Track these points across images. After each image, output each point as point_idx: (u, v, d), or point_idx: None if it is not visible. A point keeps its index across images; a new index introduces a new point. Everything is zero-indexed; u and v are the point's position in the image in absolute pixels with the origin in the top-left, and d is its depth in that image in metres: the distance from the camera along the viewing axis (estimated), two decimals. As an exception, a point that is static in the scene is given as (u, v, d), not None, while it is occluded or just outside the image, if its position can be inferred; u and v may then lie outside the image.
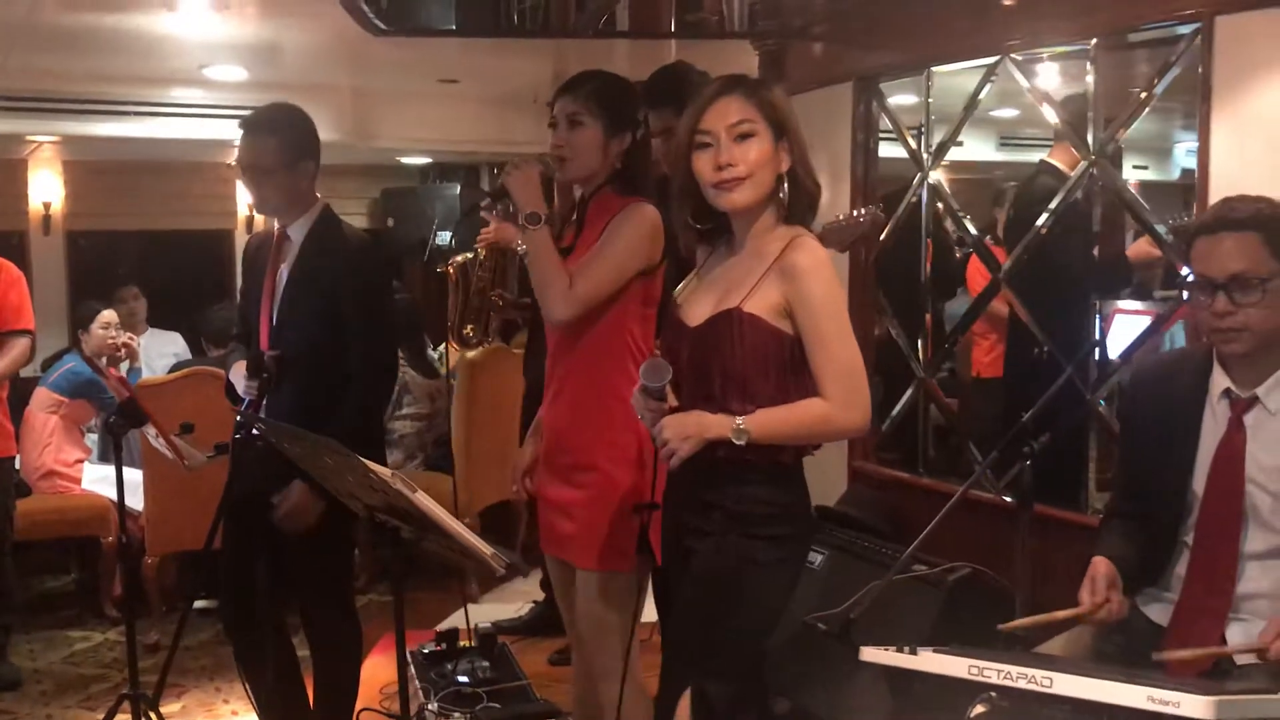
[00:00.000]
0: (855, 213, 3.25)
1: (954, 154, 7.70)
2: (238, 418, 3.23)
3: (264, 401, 3.14)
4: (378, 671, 4.50)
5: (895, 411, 4.25)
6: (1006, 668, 2.03)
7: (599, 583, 2.82)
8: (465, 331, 3.49)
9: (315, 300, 3.31)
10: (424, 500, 2.19)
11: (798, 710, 3.72)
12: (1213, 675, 2.36)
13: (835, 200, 4.34)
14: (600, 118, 2.83)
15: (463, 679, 4.11)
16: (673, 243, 2.73)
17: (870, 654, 2.28)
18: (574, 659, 3.17)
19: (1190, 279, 2.43)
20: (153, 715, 3.36)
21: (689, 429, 2.27)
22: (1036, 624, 2.49)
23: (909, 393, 4.17)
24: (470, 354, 5.34)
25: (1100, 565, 2.48)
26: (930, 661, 2.16)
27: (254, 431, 3.03)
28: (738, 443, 2.23)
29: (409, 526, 2.35)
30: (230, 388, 3.40)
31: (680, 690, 2.42)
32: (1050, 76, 3.64)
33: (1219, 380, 2.48)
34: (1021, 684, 2.00)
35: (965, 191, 8.02)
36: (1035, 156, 4.33)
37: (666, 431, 2.29)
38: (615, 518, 2.74)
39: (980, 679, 2.06)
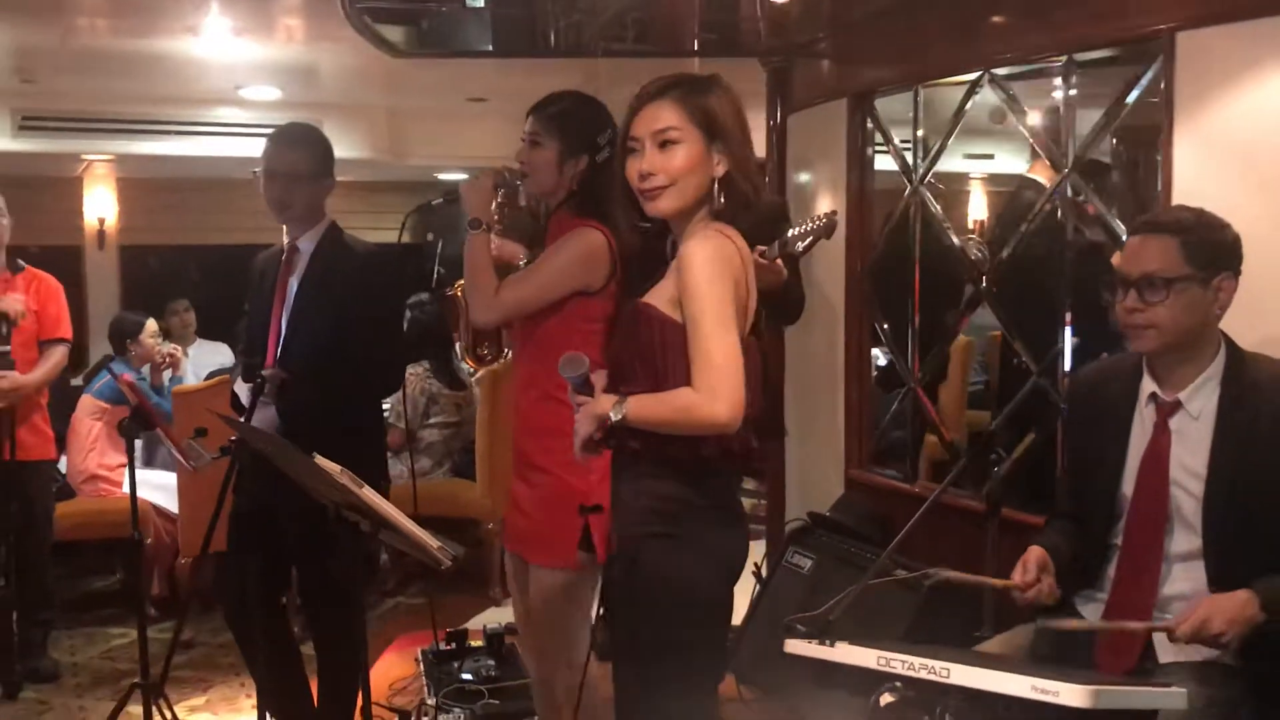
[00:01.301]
0: (813, 219, 3.37)
1: (987, 166, 7.72)
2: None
3: (255, 408, 3.32)
4: (389, 669, 4.68)
5: (886, 419, 4.34)
6: (910, 659, 2.13)
7: (548, 578, 2.96)
8: (479, 351, 3.63)
9: (326, 308, 3.50)
10: (370, 495, 2.33)
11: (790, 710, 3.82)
12: (1139, 673, 2.44)
13: (836, 208, 4.43)
14: (558, 139, 2.97)
15: (467, 676, 4.27)
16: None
17: (792, 646, 2.38)
18: (521, 651, 3.32)
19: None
20: (163, 703, 3.55)
21: (586, 412, 2.30)
22: (968, 582, 2.59)
23: (898, 401, 4.25)
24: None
25: (1033, 551, 2.58)
26: (845, 653, 2.26)
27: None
28: (614, 418, 2.23)
29: (366, 521, 2.49)
30: (235, 398, 3.59)
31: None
32: (1028, 92, 3.71)
33: (1147, 385, 2.56)
34: (923, 674, 2.10)
35: (1000, 203, 8.05)
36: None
37: (576, 416, 2.34)
38: (562, 516, 2.87)
39: (887, 669, 2.16)
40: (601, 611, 2.63)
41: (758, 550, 4.47)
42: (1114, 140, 4.46)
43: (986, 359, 5.60)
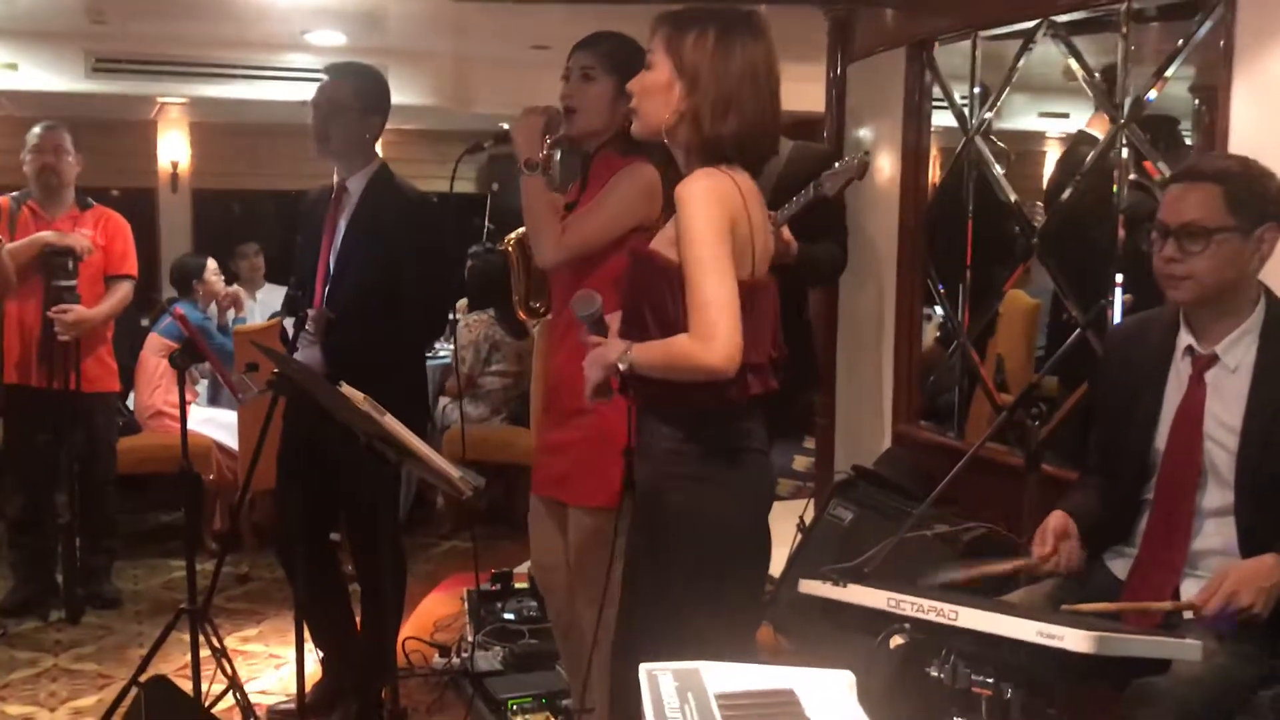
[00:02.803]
0: (847, 161, 3.33)
1: (1065, 125, 7.56)
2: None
3: (299, 343, 3.38)
4: (435, 607, 4.76)
5: (934, 376, 4.30)
6: (920, 600, 2.12)
7: (589, 519, 2.96)
8: (532, 304, 3.63)
9: (373, 248, 3.54)
10: (392, 423, 2.37)
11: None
12: (1165, 627, 2.41)
13: (891, 163, 4.39)
14: (612, 74, 2.93)
15: (509, 616, 4.33)
16: None
17: (806, 586, 2.38)
18: (544, 593, 3.33)
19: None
20: (208, 628, 3.65)
21: (596, 356, 2.30)
22: (976, 576, 2.57)
23: (949, 353, 4.21)
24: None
25: (1054, 518, 2.54)
26: (856, 594, 2.27)
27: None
28: (622, 368, 2.22)
29: (392, 451, 2.53)
30: (284, 332, 3.66)
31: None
32: (1089, 46, 3.63)
33: (1184, 338, 2.51)
34: (932, 616, 2.09)
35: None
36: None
37: (585, 360, 2.33)
38: (606, 458, 2.84)
39: (897, 611, 2.16)
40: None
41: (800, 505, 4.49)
42: (1195, 101, 4.37)
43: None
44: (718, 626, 2.30)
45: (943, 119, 4.31)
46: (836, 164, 3.30)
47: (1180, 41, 3.26)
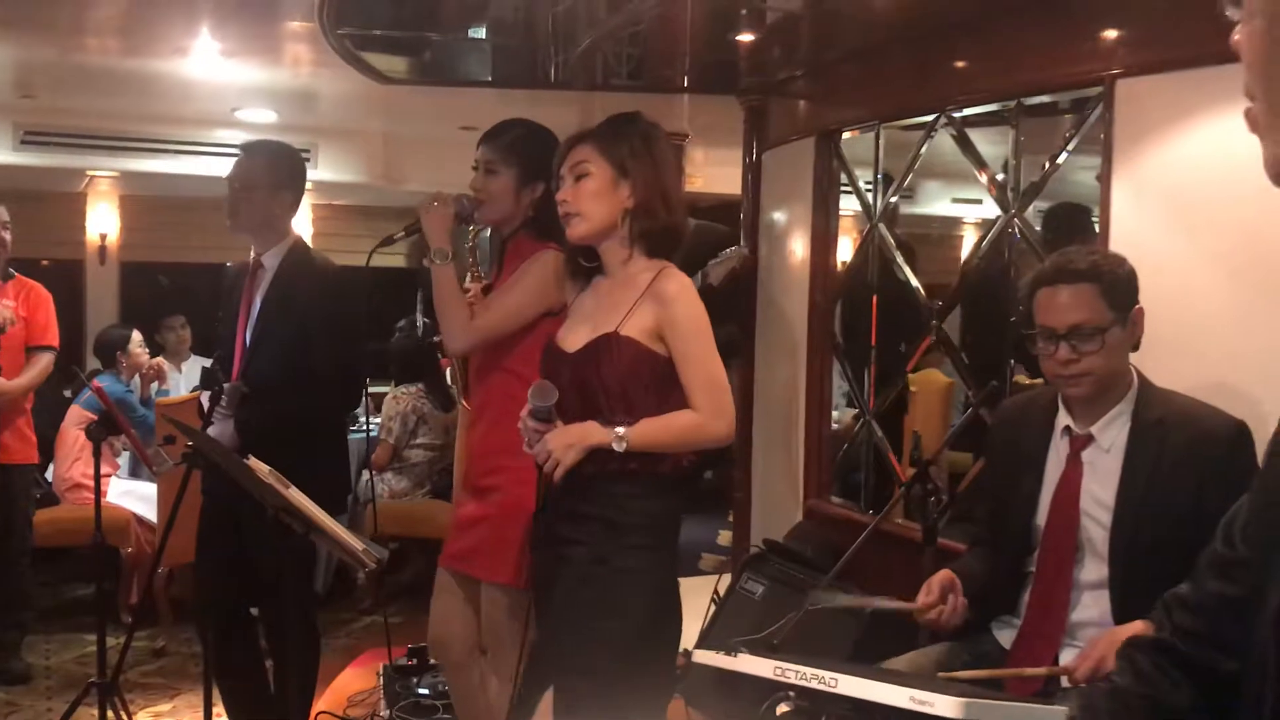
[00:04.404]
0: (728, 252, 3.50)
1: (979, 211, 7.79)
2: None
3: (213, 417, 3.41)
4: (351, 682, 4.75)
5: (843, 450, 4.41)
6: (802, 669, 2.19)
7: (500, 595, 3.01)
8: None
9: (288, 323, 3.58)
10: (296, 496, 2.42)
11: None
12: (1042, 695, 2.50)
13: (803, 246, 4.53)
14: (514, 167, 3.06)
15: (424, 691, 4.33)
16: None
17: (700, 656, 2.45)
18: (443, 669, 3.37)
19: (1034, 330, 2.57)
20: (117, 702, 3.63)
21: (572, 438, 2.49)
22: (851, 605, 2.81)
23: (855, 431, 4.33)
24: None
25: (940, 573, 2.65)
26: (745, 663, 2.32)
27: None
28: (617, 449, 2.45)
29: (298, 523, 2.58)
30: (200, 407, 3.69)
31: (541, 689, 2.59)
32: (988, 137, 3.81)
33: (1062, 418, 2.63)
34: (814, 684, 2.16)
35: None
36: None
37: (551, 443, 2.50)
38: (516, 535, 2.93)
39: (782, 679, 2.23)
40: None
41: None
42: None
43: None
44: (643, 694, 2.57)
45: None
46: (721, 253, 3.44)
47: (1067, 134, 3.44)
